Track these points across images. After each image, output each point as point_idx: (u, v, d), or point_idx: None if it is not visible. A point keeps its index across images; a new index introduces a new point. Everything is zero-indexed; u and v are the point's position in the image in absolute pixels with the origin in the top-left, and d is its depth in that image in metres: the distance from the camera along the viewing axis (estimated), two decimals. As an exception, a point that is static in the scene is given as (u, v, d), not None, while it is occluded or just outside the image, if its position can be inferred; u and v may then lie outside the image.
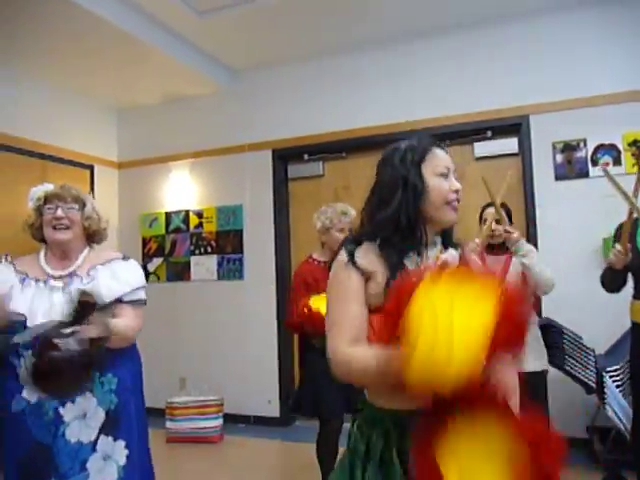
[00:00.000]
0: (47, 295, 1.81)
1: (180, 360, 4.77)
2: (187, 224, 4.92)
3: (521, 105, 3.91)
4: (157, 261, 4.95)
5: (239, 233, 4.70)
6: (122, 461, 1.82)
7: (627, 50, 3.71)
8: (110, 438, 1.81)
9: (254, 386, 4.57)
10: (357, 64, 4.41)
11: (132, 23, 3.73)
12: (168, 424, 4.15)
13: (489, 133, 4.09)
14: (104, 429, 1.80)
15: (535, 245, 3.82)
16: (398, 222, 1.27)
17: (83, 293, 1.64)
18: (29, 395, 1.74)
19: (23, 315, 1.74)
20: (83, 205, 1.94)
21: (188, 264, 4.86)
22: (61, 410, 1.74)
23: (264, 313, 4.55)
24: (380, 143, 4.27)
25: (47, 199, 1.91)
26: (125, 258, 2.01)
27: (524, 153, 3.94)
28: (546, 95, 3.85)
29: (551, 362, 3.07)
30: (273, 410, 4.53)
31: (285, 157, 4.69)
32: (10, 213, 4.20)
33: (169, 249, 4.95)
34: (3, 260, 1.93)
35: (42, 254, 1.93)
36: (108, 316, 1.78)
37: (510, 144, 4.06)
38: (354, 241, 1.33)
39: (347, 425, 1.47)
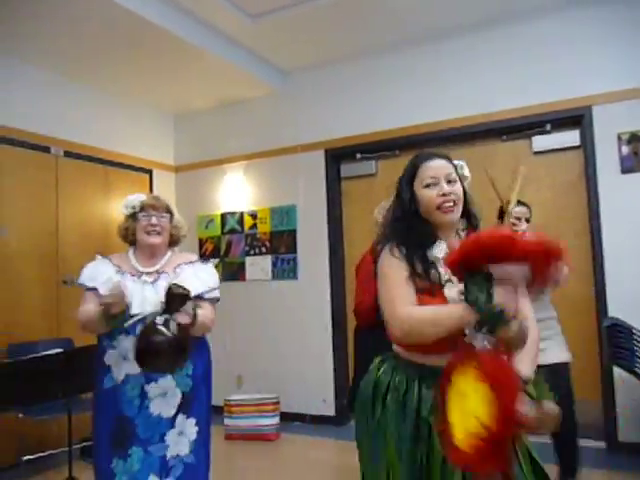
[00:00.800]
0: (140, 288, 2.10)
1: (236, 359, 4.86)
2: (242, 225, 5.00)
3: (583, 96, 3.75)
4: (213, 262, 5.06)
5: (293, 233, 4.74)
6: (193, 436, 2.11)
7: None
8: (184, 416, 2.10)
9: (309, 385, 4.60)
10: (408, 61, 4.36)
11: (187, 29, 3.82)
12: (226, 421, 4.23)
13: (548, 126, 3.94)
14: (181, 408, 2.09)
15: (599, 241, 3.66)
16: (410, 222, 1.58)
17: (176, 286, 1.95)
18: (117, 374, 2.06)
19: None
20: (172, 215, 2.29)
21: (243, 264, 4.94)
22: (146, 387, 2.05)
23: (318, 312, 4.56)
24: (433, 140, 4.26)
25: (143, 208, 2.22)
26: (204, 261, 2.34)
27: (586, 146, 3.77)
28: (610, 84, 3.67)
29: (619, 364, 2.93)
30: (328, 409, 4.54)
31: (338, 156, 4.69)
32: (77, 217, 4.42)
33: (225, 250, 5.05)
34: (98, 257, 2.25)
35: (131, 253, 2.25)
36: (195, 307, 2.06)
37: (571, 137, 3.90)
38: (382, 241, 1.62)
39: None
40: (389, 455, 1.50)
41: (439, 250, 1.53)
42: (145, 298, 2.07)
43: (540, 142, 3.99)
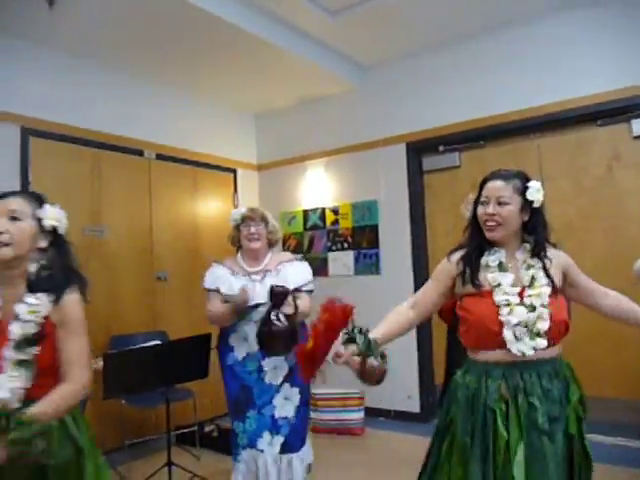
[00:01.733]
0: (251, 285, 2.61)
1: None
2: (324, 221, 5.05)
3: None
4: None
5: (375, 228, 4.72)
6: (296, 402, 2.64)
7: None
8: (289, 385, 2.62)
9: (394, 381, 4.51)
10: (489, 48, 4.20)
11: (267, 29, 3.89)
12: (312, 414, 4.30)
13: (649, 108, 3.67)
14: (286, 379, 2.62)
15: None
16: (469, 240, 1.86)
17: (277, 286, 2.51)
18: (239, 353, 2.62)
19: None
20: (267, 222, 2.76)
21: (325, 260, 4.99)
22: (262, 362, 2.60)
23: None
24: (521, 129, 4.10)
25: (243, 219, 2.73)
26: (300, 260, 2.84)
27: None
28: None
29: None
30: (413, 405, 4.50)
31: (419, 150, 4.62)
32: (168, 216, 4.64)
33: (307, 246, 5.12)
34: (214, 264, 2.78)
35: (239, 257, 2.79)
36: (295, 299, 2.57)
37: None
38: (457, 248, 1.90)
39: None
40: (457, 444, 1.72)
41: (494, 258, 1.78)
42: (256, 293, 2.58)
43: (640, 126, 3.73)
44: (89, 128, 4.05)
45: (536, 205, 1.77)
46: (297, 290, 2.65)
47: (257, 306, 2.58)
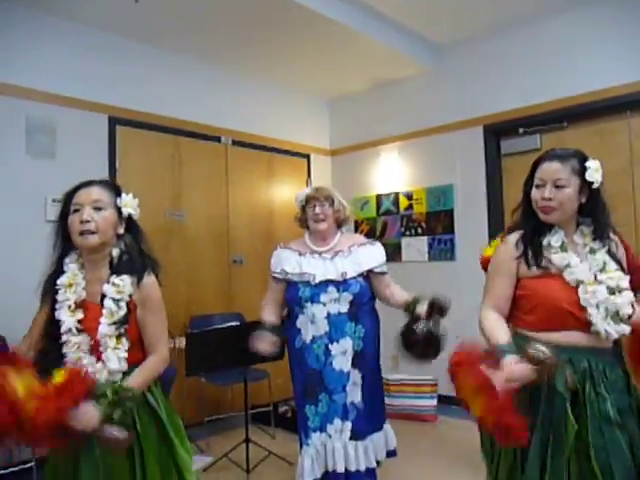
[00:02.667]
0: (322, 263, 2.55)
1: (393, 339, 4.89)
2: (397, 206, 5.00)
3: None
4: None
5: (450, 213, 4.62)
6: (360, 385, 2.53)
7: None
8: (357, 370, 2.52)
9: (468, 369, 4.47)
10: (571, 25, 3.97)
11: (340, 11, 3.85)
12: (385, 400, 4.28)
13: None
14: (354, 364, 2.51)
15: None
16: (525, 215, 1.78)
17: (438, 299, 2.46)
18: (305, 336, 2.53)
19: (312, 275, 2.52)
20: (332, 201, 2.62)
21: (399, 245, 4.94)
22: (330, 346, 2.49)
23: (477, 294, 4.37)
24: (608, 108, 3.84)
25: (307, 200, 2.64)
26: (372, 242, 2.71)
27: None
28: None
29: None
30: (488, 395, 4.39)
31: (497, 132, 4.45)
32: (244, 201, 4.76)
33: (380, 231, 5.09)
34: (279, 247, 2.73)
35: (307, 238, 2.69)
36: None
37: None
38: (512, 229, 1.82)
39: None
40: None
41: (556, 238, 1.70)
42: (326, 269, 2.52)
43: None
44: (170, 116, 4.20)
45: (595, 186, 1.69)
46: (370, 272, 2.59)
47: (326, 285, 2.50)
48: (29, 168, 3.48)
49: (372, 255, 2.61)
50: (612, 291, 1.63)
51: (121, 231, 1.74)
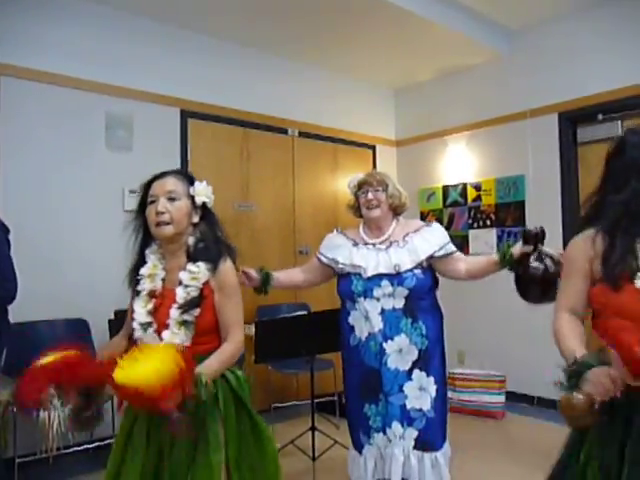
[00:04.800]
0: (375, 254, 2.35)
1: (459, 333, 4.79)
2: (465, 197, 4.88)
3: None
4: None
5: (520, 205, 4.46)
6: (433, 394, 2.30)
7: None
8: (423, 373, 2.29)
9: (537, 366, 4.32)
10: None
11: None
12: (449, 394, 4.24)
13: None
14: (417, 364, 2.29)
15: None
16: (628, 207, 1.42)
17: (530, 228, 2.19)
18: (360, 333, 2.34)
19: (363, 268, 2.33)
20: (387, 186, 2.41)
21: (466, 238, 4.83)
22: (384, 345, 2.28)
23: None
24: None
25: (360, 185, 2.44)
26: (428, 225, 2.46)
27: None
28: None
29: None
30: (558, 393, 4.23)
31: (574, 119, 4.25)
32: (310, 192, 4.80)
33: (447, 223, 4.99)
34: (335, 231, 2.56)
35: (362, 227, 2.50)
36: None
37: None
38: (582, 225, 1.55)
39: None
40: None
41: None
42: (379, 262, 2.31)
43: None
44: (238, 108, 4.29)
45: None
46: (431, 257, 2.34)
47: (380, 278, 2.29)
48: (108, 161, 3.66)
49: (430, 240, 2.36)
50: None
51: (196, 219, 1.76)
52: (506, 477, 3.07)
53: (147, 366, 1.41)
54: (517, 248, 2.21)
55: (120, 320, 2.03)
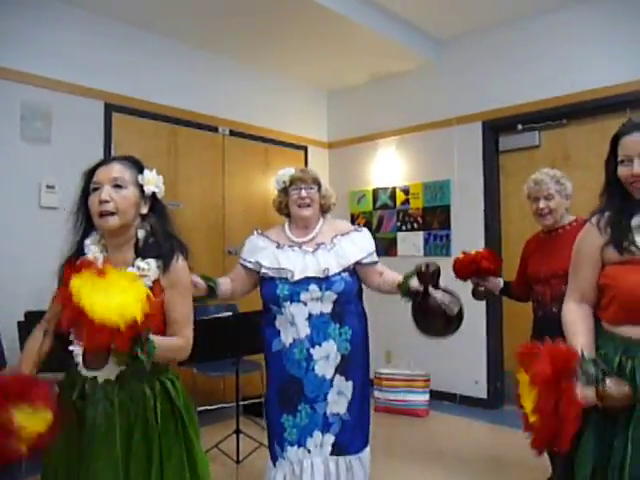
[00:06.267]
0: (302, 257, 2.24)
1: (386, 334, 4.89)
2: (394, 200, 4.99)
3: None
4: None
5: (446, 209, 4.61)
6: (349, 396, 2.25)
7: None
8: (343, 378, 2.24)
9: (461, 365, 4.49)
10: (572, 20, 3.96)
11: (342, 3, 3.83)
12: (376, 393, 4.31)
13: None
14: (338, 369, 2.22)
15: None
16: (608, 195, 1.61)
17: (427, 264, 2.13)
18: (285, 339, 2.23)
19: (290, 271, 2.21)
20: (319, 185, 2.33)
21: (395, 240, 4.94)
22: (312, 351, 2.20)
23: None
24: (608, 106, 3.83)
25: (292, 182, 2.31)
26: (357, 229, 2.39)
27: None
28: None
29: None
30: (480, 391, 4.41)
31: (496, 128, 4.44)
32: (240, 192, 4.74)
33: (376, 225, 5.08)
34: (255, 233, 2.40)
35: (286, 226, 2.37)
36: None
37: None
38: (596, 212, 1.62)
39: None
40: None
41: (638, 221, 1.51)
42: (306, 265, 2.21)
43: None
44: (167, 104, 4.17)
45: None
46: (358, 264, 2.28)
47: (307, 282, 2.18)
48: (23, 153, 3.44)
49: (358, 245, 2.30)
50: None
51: (144, 210, 1.62)
52: (429, 473, 3.15)
53: (115, 298, 1.29)
54: (414, 283, 2.18)
55: (32, 322, 1.89)
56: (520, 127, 4.32)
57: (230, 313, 3.18)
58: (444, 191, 4.63)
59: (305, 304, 2.19)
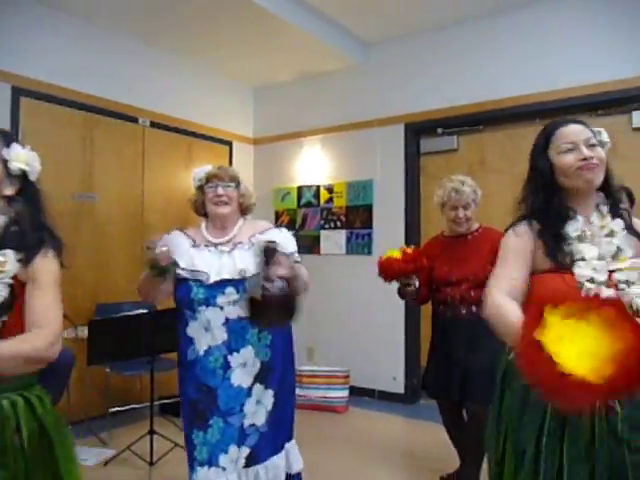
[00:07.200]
0: (217, 257, 2.08)
1: (309, 331, 4.92)
2: (318, 199, 5.02)
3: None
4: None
5: (369, 208, 4.69)
6: (269, 407, 2.07)
7: None
8: (262, 386, 2.06)
9: (380, 361, 4.59)
10: (493, 32, 4.15)
11: (273, 0, 3.80)
12: (297, 390, 4.29)
13: (653, 100, 3.64)
14: (258, 377, 2.05)
15: None
16: (536, 203, 1.52)
17: (267, 242, 1.87)
18: (199, 347, 2.04)
19: (205, 273, 2.02)
20: (238, 183, 2.19)
21: (318, 238, 4.97)
22: (229, 358, 2.01)
23: (392, 289, 4.50)
24: (520, 115, 4.06)
25: (208, 179, 2.16)
26: (278, 228, 2.27)
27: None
28: None
29: None
30: (398, 387, 4.53)
31: (418, 131, 4.57)
32: (161, 185, 4.59)
33: (300, 223, 5.09)
34: (174, 230, 2.23)
35: (204, 226, 2.21)
36: (292, 260, 1.99)
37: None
38: (519, 219, 1.57)
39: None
40: (507, 453, 1.44)
41: (574, 229, 1.46)
42: (222, 266, 2.05)
43: (640, 117, 3.70)
44: (82, 91, 3.96)
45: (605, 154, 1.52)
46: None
47: (224, 285, 2.02)
48: None
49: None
50: (623, 287, 1.38)
51: (9, 192, 1.39)
52: (346, 467, 3.19)
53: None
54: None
55: None
56: (440, 131, 4.48)
57: (144, 310, 3.07)
58: (367, 191, 4.71)
59: (222, 308, 2.02)
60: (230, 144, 5.23)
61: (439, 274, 2.73)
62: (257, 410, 2.05)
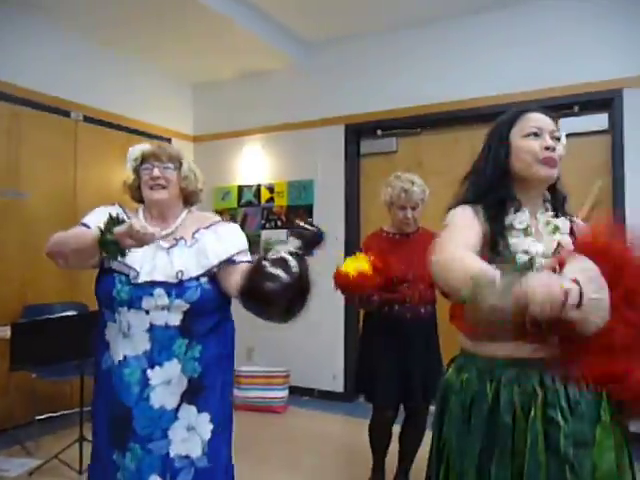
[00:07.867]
0: (152, 254, 1.70)
1: (247, 331, 4.85)
2: (258, 198, 4.98)
3: (614, 78, 3.63)
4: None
5: (309, 208, 4.70)
6: (207, 436, 1.69)
7: None
8: (193, 408, 1.69)
9: (320, 360, 4.61)
10: (433, 37, 4.26)
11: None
12: (235, 392, 4.25)
13: (576, 108, 3.84)
14: (185, 397, 1.68)
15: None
16: (483, 186, 1.41)
17: (306, 226, 1.64)
18: (115, 354, 1.68)
19: (135, 270, 1.67)
20: (180, 164, 1.84)
21: (259, 238, 4.93)
22: (149, 372, 1.65)
23: (331, 289, 4.54)
24: (456, 119, 4.18)
25: (144, 159, 1.82)
26: (225, 220, 1.93)
27: (615, 130, 3.67)
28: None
29: None
30: (338, 385, 4.56)
31: (358, 132, 4.63)
32: (95, 182, 4.43)
33: (241, 222, 5.03)
34: (117, 205, 1.86)
35: (140, 215, 1.84)
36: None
37: (599, 120, 3.79)
38: (458, 203, 1.43)
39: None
40: (454, 474, 1.32)
41: (519, 221, 1.36)
42: (155, 266, 1.68)
43: (567, 125, 3.87)
44: (7, 81, 3.76)
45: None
46: (230, 261, 1.73)
47: (154, 286, 1.65)
48: None
49: (226, 240, 1.78)
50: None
51: None
52: (284, 465, 3.17)
53: None
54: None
55: None
56: (380, 132, 4.55)
57: (74, 312, 2.94)
58: (308, 191, 4.72)
59: (147, 312, 1.66)
60: (169, 141, 5.10)
61: (396, 272, 2.59)
62: (190, 438, 1.67)
